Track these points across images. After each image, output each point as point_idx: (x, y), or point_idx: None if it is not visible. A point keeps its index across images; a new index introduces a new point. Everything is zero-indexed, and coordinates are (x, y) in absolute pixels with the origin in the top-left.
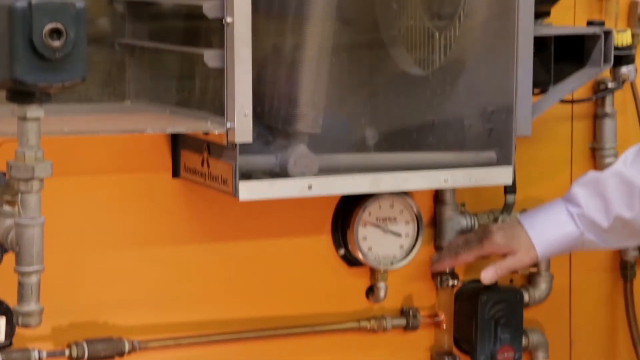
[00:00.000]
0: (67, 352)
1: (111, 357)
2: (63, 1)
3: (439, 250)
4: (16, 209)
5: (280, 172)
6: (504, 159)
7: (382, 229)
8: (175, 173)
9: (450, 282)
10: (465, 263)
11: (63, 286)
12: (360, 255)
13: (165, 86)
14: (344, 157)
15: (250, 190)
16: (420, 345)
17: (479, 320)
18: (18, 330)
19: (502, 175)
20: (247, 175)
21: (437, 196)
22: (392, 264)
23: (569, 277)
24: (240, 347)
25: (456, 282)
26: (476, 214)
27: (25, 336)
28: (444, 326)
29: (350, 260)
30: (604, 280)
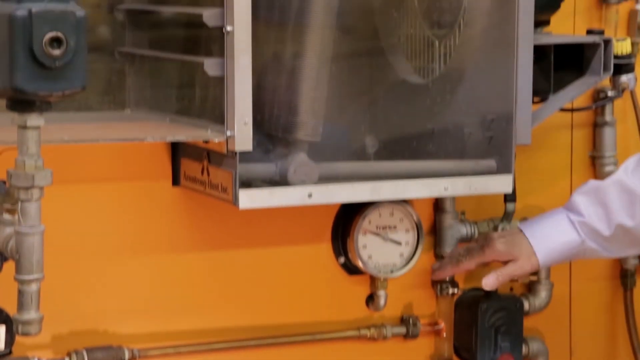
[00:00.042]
0: None
1: None
2: (63, 10)
3: (439, 258)
4: (16, 217)
5: (280, 181)
6: (503, 167)
7: (382, 237)
8: (175, 181)
9: (450, 290)
10: (467, 271)
11: (63, 294)
12: (360, 264)
13: (165, 94)
14: (344, 166)
15: (250, 199)
16: (420, 354)
17: (479, 329)
18: (18, 338)
19: (502, 183)
20: (247, 183)
21: (437, 204)
22: (392, 272)
23: (569, 285)
24: (240, 355)
25: (456, 290)
26: (476, 222)
27: (25, 344)
28: (444, 334)
29: (350, 269)
30: (604, 289)
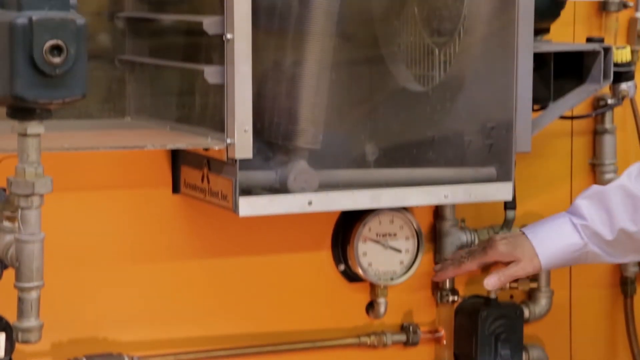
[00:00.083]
0: None
1: None
2: (64, 18)
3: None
4: (16, 224)
5: (281, 188)
6: (503, 175)
7: (382, 245)
8: (176, 189)
9: (451, 298)
10: (468, 272)
11: (63, 302)
12: (360, 271)
13: (166, 102)
14: (344, 173)
15: (250, 206)
16: None
17: (479, 336)
18: (18, 346)
19: (502, 191)
20: (247, 191)
21: (437, 212)
22: (392, 279)
23: (569, 292)
24: None
25: (456, 298)
26: (476, 229)
27: (25, 352)
28: (444, 342)
29: (350, 276)
30: (604, 296)
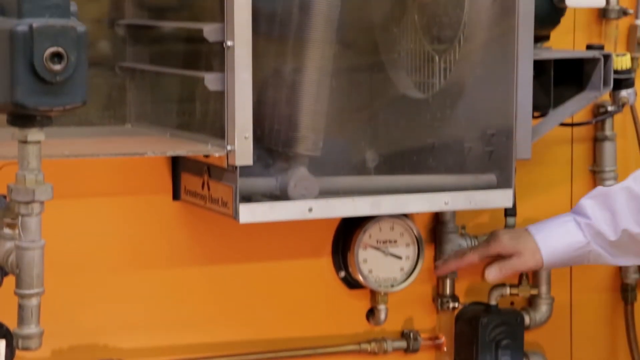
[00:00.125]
0: None
1: None
2: (64, 25)
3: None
4: (16, 231)
5: (281, 195)
6: (504, 182)
7: (383, 252)
8: (176, 196)
9: (451, 305)
10: (470, 265)
11: (63, 309)
12: (360, 278)
13: (166, 109)
14: (345, 180)
15: (250, 213)
16: None
17: (480, 343)
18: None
19: (502, 198)
20: (248, 197)
21: (438, 218)
22: (392, 286)
23: (570, 299)
24: None
25: (457, 305)
26: (476, 236)
27: (25, 359)
28: (445, 349)
29: (351, 283)
30: (604, 303)
